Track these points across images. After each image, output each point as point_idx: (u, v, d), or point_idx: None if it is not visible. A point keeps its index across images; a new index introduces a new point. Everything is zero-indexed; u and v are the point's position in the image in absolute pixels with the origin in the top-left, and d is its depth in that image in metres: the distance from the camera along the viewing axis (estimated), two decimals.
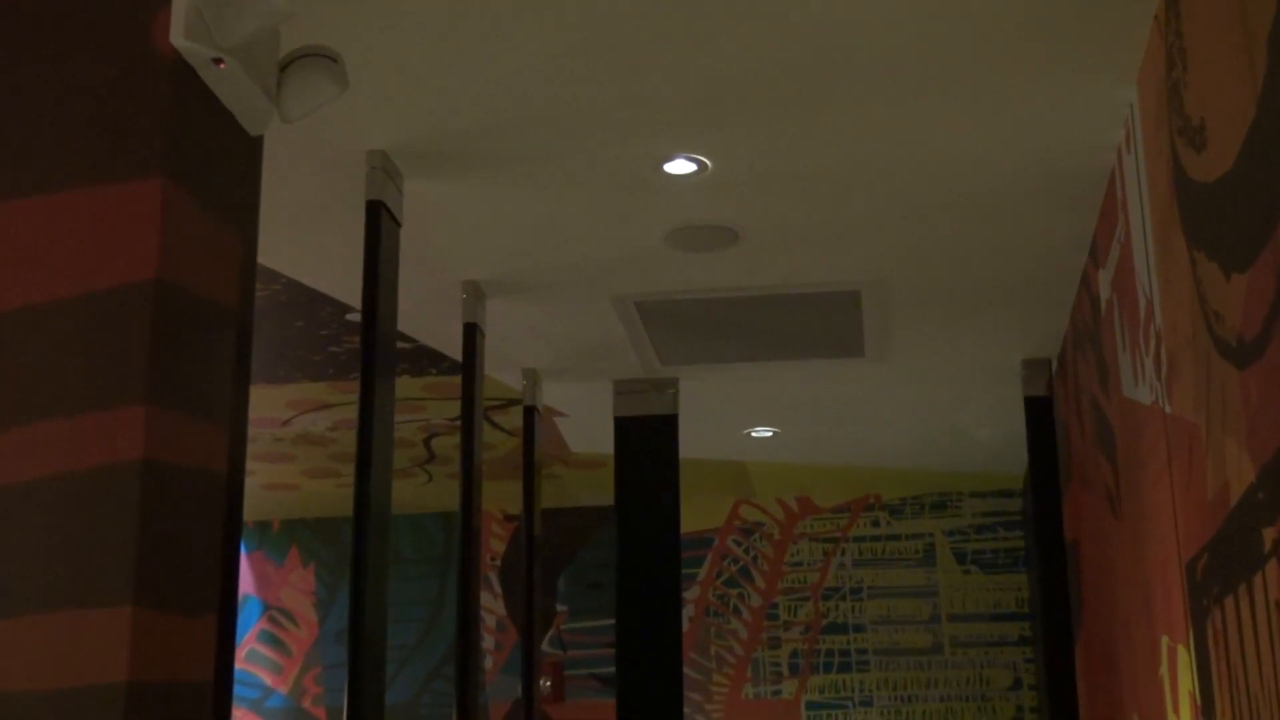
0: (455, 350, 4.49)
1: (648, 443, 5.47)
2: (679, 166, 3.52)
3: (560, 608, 7.87)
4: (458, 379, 4.34)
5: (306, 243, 3.99)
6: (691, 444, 5.89)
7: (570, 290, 4.44)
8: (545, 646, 7.77)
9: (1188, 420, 2.76)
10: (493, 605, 7.91)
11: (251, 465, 6.82)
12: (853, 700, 7.44)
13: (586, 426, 6.09)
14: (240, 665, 8.03)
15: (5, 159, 2.23)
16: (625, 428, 5.49)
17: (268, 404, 5.79)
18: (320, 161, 3.46)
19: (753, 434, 6.41)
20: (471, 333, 4.29)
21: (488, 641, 7.89)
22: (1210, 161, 2.43)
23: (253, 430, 6.12)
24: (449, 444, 6.59)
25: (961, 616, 7.43)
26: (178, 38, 2.22)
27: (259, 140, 2.51)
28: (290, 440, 6.48)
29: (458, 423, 4.33)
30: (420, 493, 7.56)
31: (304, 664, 8.07)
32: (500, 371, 5.19)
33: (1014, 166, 3.53)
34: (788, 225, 3.93)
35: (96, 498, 2.04)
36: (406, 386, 5.54)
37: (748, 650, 7.62)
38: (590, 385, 5.47)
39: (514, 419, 5.83)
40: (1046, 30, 2.89)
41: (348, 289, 4.23)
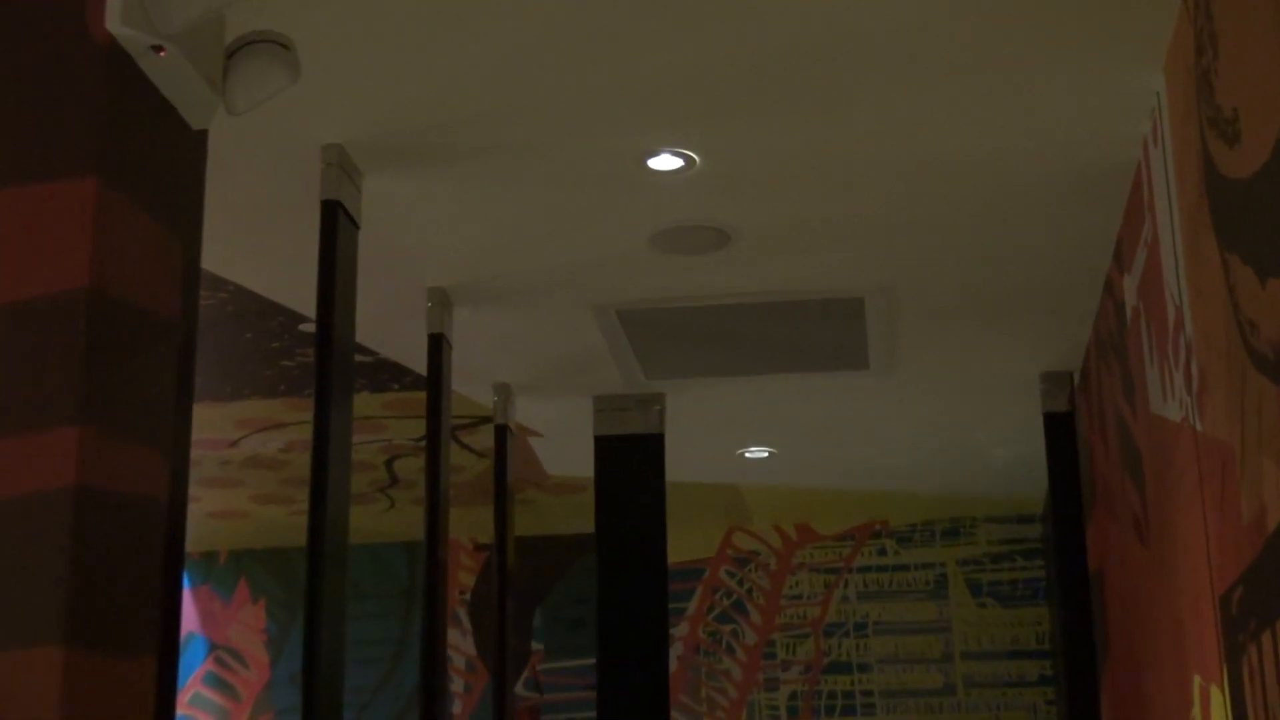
0: (420, 364, 4.49)
1: (631, 464, 5.46)
2: (664, 162, 3.53)
3: (536, 646, 7.85)
4: (422, 395, 4.34)
5: (256, 247, 3.98)
6: (680, 466, 5.88)
7: (546, 298, 4.44)
8: (519, 689, 7.75)
9: (1221, 439, 2.77)
10: (461, 644, 7.89)
11: (195, 491, 6.80)
12: None
13: (564, 447, 6.09)
14: (183, 711, 7.99)
15: None
16: (607, 448, 5.48)
17: (213, 424, 5.77)
18: (271, 158, 3.46)
19: (747, 455, 6.40)
20: (437, 344, 4.28)
21: (456, 684, 7.87)
22: (1244, 156, 2.45)
23: (197, 453, 6.09)
24: (413, 466, 6.58)
25: (976, 654, 7.43)
26: (114, 23, 2.22)
27: (203, 135, 2.51)
28: (238, 463, 6.46)
29: (422, 443, 4.32)
30: (382, 520, 7.54)
31: (254, 709, 8.04)
32: (469, 387, 5.18)
33: (1031, 161, 3.55)
34: (784, 226, 3.94)
35: (23, 528, 2.03)
36: (366, 404, 5.53)
37: (742, 693, 7.61)
38: (568, 401, 5.47)
39: (484, 439, 5.82)
40: (1065, 12, 2.90)
41: (301, 297, 4.22)
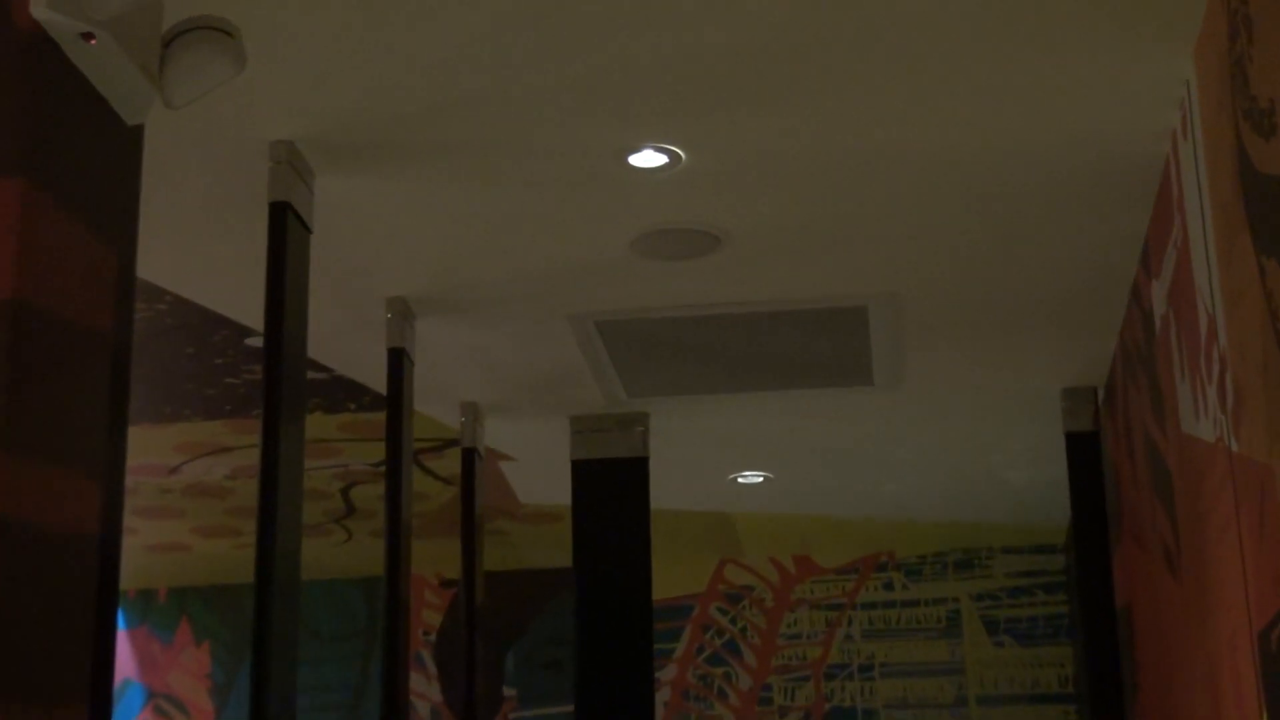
0: (379, 381, 4.49)
1: (612, 491, 5.47)
2: (647, 158, 3.53)
3: (508, 693, 7.85)
4: (382, 416, 4.34)
5: (197, 253, 3.98)
6: (665, 492, 5.89)
7: (517, 308, 4.45)
8: None
9: (1258, 461, 2.77)
10: (426, 690, 7.88)
11: (131, 523, 6.79)
12: None
13: (538, 472, 6.09)
14: None
15: None
16: (585, 473, 5.49)
17: (152, 448, 5.77)
18: (213, 156, 3.46)
19: (740, 480, 6.41)
20: (398, 360, 4.28)
21: None
22: None
23: (134, 480, 6.09)
24: (372, 494, 6.57)
25: (993, 699, 7.44)
26: (39, 8, 2.22)
27: (139, 131, 2.51)
28: (179, 492, 6.45)
29: (382, 469, 4.32)
30: (338, 554, 7.53)
31: None
32: (433, 406, 5.18)
33: (1050, 157, 3.56)
34: (779, 228, 3.95)
35: None
36: (320, 425, 5.53)
37: None
38: (542, 422, 5.47)
39: (451, 464, 5.82)
40: None
41: (248, 308, 4.22)
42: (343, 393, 5.19)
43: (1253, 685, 2.99)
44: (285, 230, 3.42)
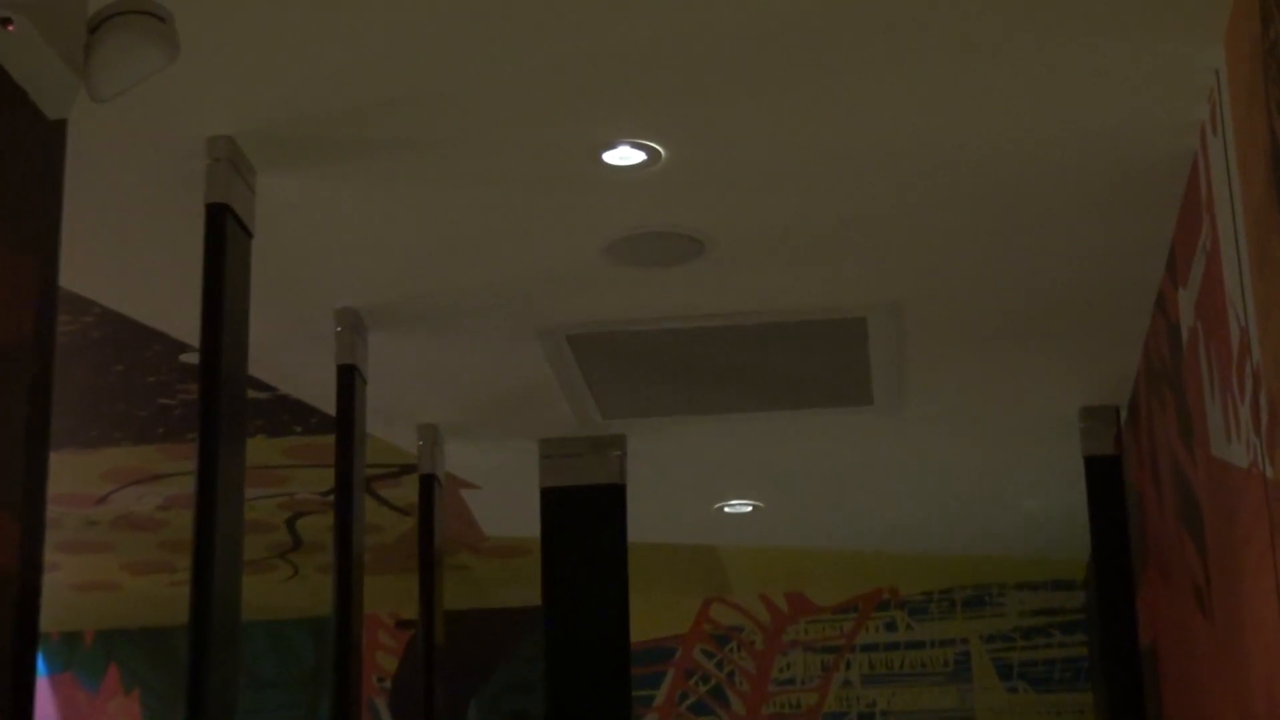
0: (327, 401, 4.48)
1: (586, 522, 5.46)
2: (623, 155, 3.54)
3: None
4: (330, 439, 4.33)
5: (127, 261, 3.98)
6: (645, 523, 5.88)
7: (480, 320, 4.44)
8: None
9: None
10: None
11: (54, 558, 6.77)
12: None
13: (504, 501, 6.08)
14: None
15: None
16: (555, 502, 5.48)
17: (76, 476, 5.75)
18: (144, 153, 3.46)
19: (726, 509, 6.41)
20: (349, 377, 4.28)
21: None
22: None
23: (55, 511, 6.08)
24: (320, 526, 6.56)
25: None
26: None
27: (61, 126, 2.50)
28: (107, 524, 6.43)
29: (331, 498, 4.31)
30: (283, 592, 7.52)
31: None
32: (388, 429, 5.17)
33: (1066, 154, 3.57)
34: (768, 232, 3.95)
35: None
36: (262, 450, 5.51)
37: None
38: (509, 446, 5.47)
39: (407, 492, 5.81)
40: None
41: (182, 321, 4.21)
42: (288, 414, 5.18)
43: None
44: (224, 235, 3.42)
